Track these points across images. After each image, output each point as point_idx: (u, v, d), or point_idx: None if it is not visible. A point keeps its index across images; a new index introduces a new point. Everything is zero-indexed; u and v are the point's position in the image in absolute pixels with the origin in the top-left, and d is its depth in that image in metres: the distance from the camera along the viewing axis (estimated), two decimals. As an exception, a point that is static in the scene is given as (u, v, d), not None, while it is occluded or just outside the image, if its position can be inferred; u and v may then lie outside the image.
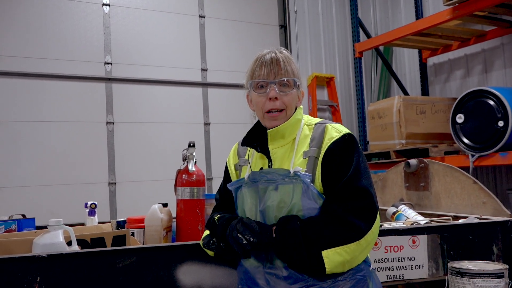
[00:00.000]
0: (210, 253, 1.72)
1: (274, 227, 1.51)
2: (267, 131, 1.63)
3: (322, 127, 1.62)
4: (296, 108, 1.68)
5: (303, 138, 1.63)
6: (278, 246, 1.48)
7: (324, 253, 1.43)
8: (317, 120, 1.70)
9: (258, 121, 1.72)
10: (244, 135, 1.74)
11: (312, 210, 1.52)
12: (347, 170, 1.52)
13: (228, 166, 1.82)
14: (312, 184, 1.53)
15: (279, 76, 1.60)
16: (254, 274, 1.58)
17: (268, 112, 1.62)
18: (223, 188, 1.81)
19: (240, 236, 1.48)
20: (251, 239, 1.47)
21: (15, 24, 4.71)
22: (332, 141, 1.56)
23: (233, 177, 1.78)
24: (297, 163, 1.57)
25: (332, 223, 1.46)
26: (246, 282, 1.62)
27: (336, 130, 1.60)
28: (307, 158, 1.57)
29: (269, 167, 1.62)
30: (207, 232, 1.71)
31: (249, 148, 1.74)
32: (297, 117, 1.66)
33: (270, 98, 1.60)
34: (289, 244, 1.46)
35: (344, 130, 1.61)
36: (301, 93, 1.70)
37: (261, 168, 1.63)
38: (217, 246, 1.60)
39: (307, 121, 1.69)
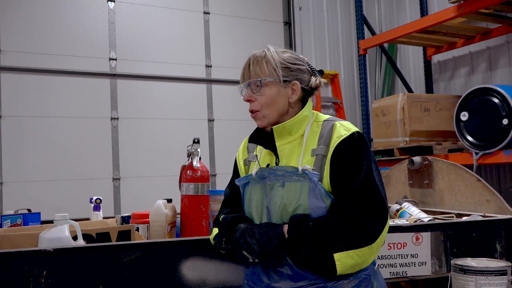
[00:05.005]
0: (223, 251, 1.71)
1: (285, 226, 1.51)
2: (272, 127, 1.63)
3: (331, 124, 1.60)
4: (301, 107, 1.67)
5: (311, 134, 1.61)
6: (290, 247, 1.48)
7: (336, 256, 1.43)
8: (326, 117, 1.68)
9: None
10: (249, 131, 1.75)
11: (319, 209, 1.50)
12: (359, 170, 1.50)
13: (237, 161, 1.81)
14: (320, 183, 1.51)
15: (247, 79, 1.64)
16: (259, 270, 1.58)
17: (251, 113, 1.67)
18: (232, 183, 1.81)
19: (245, 253, 1.48)
20: (255, 259, 1.47)
21: (20, 19, 4.72)
22: (340, 139, 1.54)
23: (242, 173, 1.77)
24: (305, 160, 1.55)
25: (345, 226, 1.45)
26: (251, 278, 1.62)
27: (344, 128, 1.57)
28: (315, 156, 1.55)
29: (276, 163, 1.62)
30: (216, 230, 1.70)
31: None
32: (304, 113, 1.63)
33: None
34: (302, 246, 1.45)
35: (353, 128, 1.58)
36: (296, 85, 1.62)
37: (268, 165, 1.63)
38: (226, 247, 1.61)
39: (316, 117, 1.67)
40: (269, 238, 1.46)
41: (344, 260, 1.43)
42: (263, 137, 1.68)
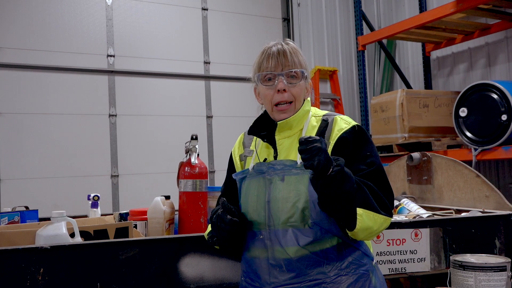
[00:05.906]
0: (217, 247, 1.72)
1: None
2: (277, 122, 1.62)
3: (331, 118, 1.62)
4: (304, 100, 1.67)
5: (310, 129, 1.62)
6: (336, 177, 1.36)
7: (359, 210, 1.41)
8: (325, 112, 1.70)
9: (265, 110, 1.71)
10: (247, 127, 1.73)
11: None
12: (367, 160, 1.52)
13: (233, 157, 1.80)
14: None
15: (287, 68, 1.59)
16: (257, 266, 1.57)
17: (277, 105, 1.61)
18: (227, 179, 1.81)
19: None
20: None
21: (18, 16, 4.70)
22: (342, 132, 1.56)
23: (238, 168, 1.77)
24: None
25: (373, 189, 1.46)
26: (249, 274, 1.61)
27: (345, 122, 1.60)
28: None
29: (275, 157, 1.62)
30: (210, 227, 1.71)
31: (254, 138, 1.73)
32: (305, 109, 1.65)
33: (278, 90, 1.59)
34: (346, 181, 1.38)
35: (353, 122, 1.61)
36: (309, 84, 1.69)
37: (265, 159, 1.63)
38: (217, 239, 1.61)
39: (314, 113, 1.68)
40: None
41: (365, 217, 1.42)
42: (262, 130, 1.67)
